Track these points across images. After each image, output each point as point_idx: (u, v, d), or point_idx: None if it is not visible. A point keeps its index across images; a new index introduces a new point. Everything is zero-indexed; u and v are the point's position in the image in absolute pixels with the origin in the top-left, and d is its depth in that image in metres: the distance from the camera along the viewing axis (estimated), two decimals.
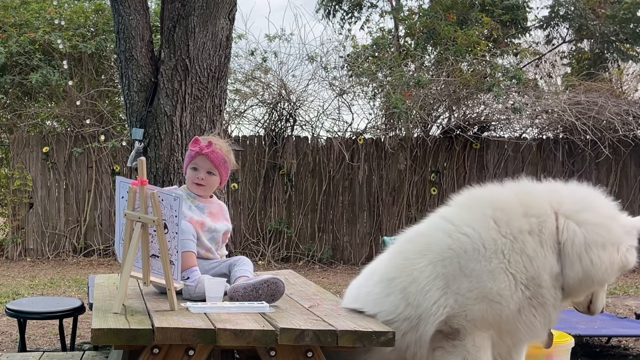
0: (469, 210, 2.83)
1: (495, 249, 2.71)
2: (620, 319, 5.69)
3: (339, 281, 8.97)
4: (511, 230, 2.74)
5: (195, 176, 3.31)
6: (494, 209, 2.79)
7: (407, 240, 2.94)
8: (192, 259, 3.08)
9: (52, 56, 10.71)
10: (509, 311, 2.71)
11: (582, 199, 2.87)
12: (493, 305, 2.69)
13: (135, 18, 5.03)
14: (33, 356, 4.00)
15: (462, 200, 2.95)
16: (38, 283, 8.41)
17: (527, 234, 2.74)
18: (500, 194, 2.89)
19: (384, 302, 2.82)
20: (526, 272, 2.72)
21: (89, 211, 10.72)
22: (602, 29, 12.19)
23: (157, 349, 2.51)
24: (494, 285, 2.68)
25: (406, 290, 2.78)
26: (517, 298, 2.71)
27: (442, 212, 2.96)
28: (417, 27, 11.63)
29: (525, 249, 2.72)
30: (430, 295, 2.72)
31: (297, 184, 10.79)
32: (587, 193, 2.91)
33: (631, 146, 10.48)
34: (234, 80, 10.81)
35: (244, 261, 3.22)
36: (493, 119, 10.80)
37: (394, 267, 2.87)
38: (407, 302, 2.77)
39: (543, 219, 2.77)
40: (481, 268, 2.69)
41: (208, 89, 5.04)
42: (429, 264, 2.76)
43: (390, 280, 2.85)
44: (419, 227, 3.01)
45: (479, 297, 2.69)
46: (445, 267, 2.74)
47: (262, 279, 2.96)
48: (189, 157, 3.34)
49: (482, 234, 2.74)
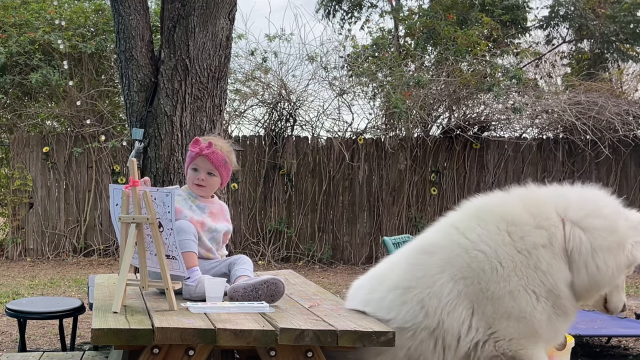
0: (483, 224, 2.82)
1: (514, 267, 2.72)
2: (620, 319, 5.68)
3: (339, 281, 8.97)
4: (526, 246, 2.75)
5: (196, 177, 3.31)
6: (507, 223, 2.79)
7: (424, 251, 2.91)
8: (193, 259, 3.08)
9: (52, 56, 10.71)
10: (538, 322, 2.73)
11: (587, 203, 2.86)
12: (521, 320, 2.72)
13: (135, 18, 5.03)
14: (33, 356, 4.00)
15: (473, 210, 2.93)
16: (38, 283, 8.41)
17: (541, 248, 2.75)
18: (510, 204, 2.88)
19: (400, 310, 2.80)
20: (543, 286, 2.73)
21: (89, 211, 10.72)
22: (602, 29, 12.19)
23: (157, 349, 2.51)
24: (515, 304, 2.71)
25: (424, 302, 2.77)
26: (541, 309, 2.73)
27: (453, 220, 2.94)
28: (417, 27, 11.64)
29: (539, 264, 2.73)
30: (458, 314, 2.73)
31: (297, 184, 10.79)
32: (592, 195, 2.90)
33: (631, 146, 10.48)
34: (234, 80, 10.81)
35: (244, 260, 3.22)
36: (493, 119, 10.80)
37: (410, 277, 2.84)
38: (426, 313, 2.76)
39: (552, 231, 2.78)
40: (501, 289, 2.71)
41: (208, 89, 5.04)
42: (449, 280, 2.76)
43: (407, 289, 2.82)
44: (433, 236, 2.98)
45: (504, 316, 2.71)
46: (467, 287, 2.74)
47: (262, 279, 2.96)
48: (190, 158, 3.35)
49: (498, 251, 2.75)
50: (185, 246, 3.05)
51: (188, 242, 3.08)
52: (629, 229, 2.84)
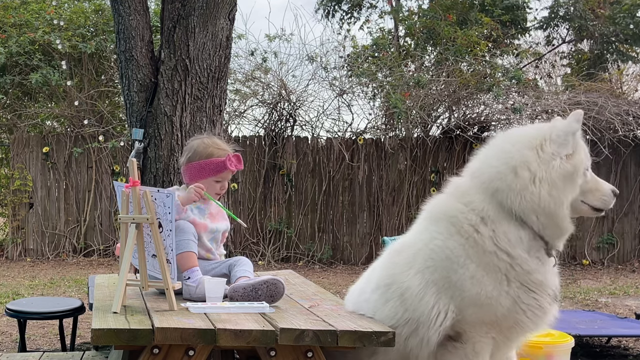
0: (434, 221, 2.89)
1: (467, 255, 2.73)
2: (620, 319, 5.69)
3: (339, 281, 8.97)
4: (468, 232, 2.75)
5: (219, 187, 3.30)
6: (449, 217, 2.82)
7: (395, 251, 3.01)
8: (193, 259, 3.08)
9: (52, 56, 10.71)
10: (502, 309, 2.71)
11: (483, 173, 2.87)
12: (484, 307, 2.71)
13: (135, 18, 5.03)
14: (33, 356, 4.01)
15: (426, 211, 2.99)
16: (38, 283, 8.41)
17: (482, 226, 2.74)
18: (446, 200, 2.92)
19: (384, 308, 2.86)
20: (503, 263, 2.70)
21: (89, 211, 10.72)
22: (601, 30, 12.19)
23: (157, 349, 2.51)
24: (482, 290, 2.70)
25: (402, 297, 2.82)
26: (505, 293, 2.70)
27: (417, 221, 3.04)
28: (416, 27, 11.64)
29: (485, 245, 2.72)
30: (427, 301, 2.76)
31: (297, 184, 10.80)
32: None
33: (631, 146, 10.48)
34: (234, 80, 10.81)
35: (244, 262, 3.22)
36: (493, 119, 10.80)
37: (387, 276, 2.92)
38: (405, 308, 2.80)
39: (482, 206, 2.77)
40: (461, 276, 2.73)
41: (208, 89, 5.04)
42: (417, 272, 2.82)
43: (387, 286, 2.89)
44: (403, 236, 3.10)
45: (471, 303, 2.72)
46: (432, 274, 2.78)
47: (262, 279, 2.96)
48: (216, 171, 3.27)
49: (447, 242, 2.78)
50: (185, 246, 3.05)
51: (188, 242, 3.08)
52: (522, 150, 2.76)
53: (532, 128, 2.92)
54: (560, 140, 2.75)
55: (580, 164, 2.78)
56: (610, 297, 8.03)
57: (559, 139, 2.75)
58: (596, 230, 10.74)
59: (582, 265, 10.59)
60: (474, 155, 3.02)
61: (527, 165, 2.73)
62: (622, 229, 10.91)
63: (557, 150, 2.75)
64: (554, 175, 2.72)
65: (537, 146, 2.76)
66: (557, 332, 3.96)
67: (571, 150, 2.77)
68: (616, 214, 10.76)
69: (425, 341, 2.76)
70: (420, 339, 2.77)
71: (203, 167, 3.27)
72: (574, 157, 2.77)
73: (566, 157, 2.75)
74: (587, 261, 10.66)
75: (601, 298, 7.92)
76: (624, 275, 9.90)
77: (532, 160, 2.73)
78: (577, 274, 9.90)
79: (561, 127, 2.77)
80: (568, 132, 2.76)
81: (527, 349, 3.56)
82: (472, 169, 2.94)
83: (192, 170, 3.29)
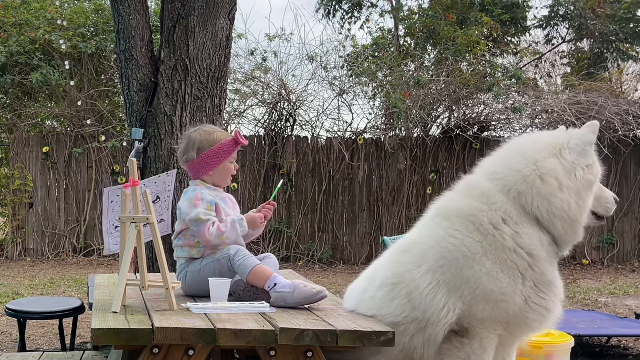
0: (447, 220, 2.90)
1: (484, 252, 2.76)
2: (620, 319, 5.69)
3: (339, 281, 8.97)
4: (488, 229, 2.78)
5: (233, 168, 3.28)
6: (464, 214, 2.85)
7: (402, 250, 3.01)
8: (265, 270, 3.00)
9: (52, 56, 10.71)
10: (515, 306, 2.75)
11: (506, 171, 2.89)
12: (498, 304, 2.74)
13: (135, 18, 5.03)
14: (33, 356, 4.01)
15: (436, 209, 3.02)
16: (38, 283, 8.41)
17: (502, 225, 2.77)
18: (458, 199, 2.95)
19: (390, 306, 2.87)
20: (523, 261, 2.75)
21: (89, 211, 10.72)
22: (602, 29, 12.19)
23: (157, 349, 2.51)
24: (496, 286, 2.73)
25: (410, 295, 2.83)
26: (519, 292, 2.74)
27: (424, 219, 3.06)
28: (417, 27, 11.64)
29: (505, 242, 2.75)
30: (438, 301, 2.78)
31: (297, 184, 10.80)
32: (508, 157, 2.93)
33: (631, 146, 10.48)
34: (234, 80, 10.81)
35: (273, 261, 3.23)
36: (493, 119, 10.80)
37: (393, 275, 2.92)
38: (413, 307, 2.82)
39: (501, 206, 2.81)
40: (476, 273, 2.75)
41: (208, 89, 5.04)
42: (427, 271, 2.83)
43: (394, 285, 2.89)
44: (409, 235, 3.11)
45: (483, 300, 2.75)
46: (444, 274, 2.80)
47: (321, 295, 2.95)
48: (228, 153, 3.22)
49: (465, 240, 2.80)
50: (251, 263, 3.01)
51: (250, 259, 3.03)
52: (547, 157, 2.81)
53: (547, 135, 2.97)
54: (579, 150, 2.81)
55: (598, 175, 2.86)
56: (610, 297, 8.03)
57: (578, 148, 2.81)
58: (596, 230, 10.73)
59: (582, 265, 10.59)
60: (488, 156, 3.03)
61: (554, 173, 2.79)
62: (622, 229, 10.91)
63: (577, 159, 2.80)
64: (579, 184, 2.79)
65: (557, 153, 2.82)
66: (557, 331, 3.96)
67: (591, 161, 2.83)
68: (616, 214, 10.76)
69: (433, 339, 2.79)
70: (428, 337, 2.80)
71: (218, 152, 3.21)
72: (594, 168, 2.84)
73: (587, 167, 2.81)
74: (587, 261, 10.66)
75: (601, 298, 7.92)
76: (624, 275, 9.90)
77: (558, 169, 2.79)
78: (577, 273, 9.90)
79: (580, 137, 2.83)
80: (587, 142, 2.82)
81: (527, 348, 3.56)
82: (489, 171, 2.95)
83: (207, 159, 3.20)
